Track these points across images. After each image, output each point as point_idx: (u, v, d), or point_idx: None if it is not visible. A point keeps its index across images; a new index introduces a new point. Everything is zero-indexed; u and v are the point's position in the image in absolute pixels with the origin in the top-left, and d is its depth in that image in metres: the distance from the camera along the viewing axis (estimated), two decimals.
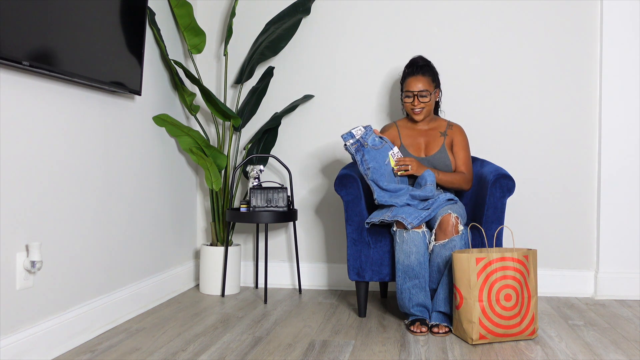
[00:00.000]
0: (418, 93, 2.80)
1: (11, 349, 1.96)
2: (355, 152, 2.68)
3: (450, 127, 2.91)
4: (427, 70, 2.84)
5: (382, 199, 2.66)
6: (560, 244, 3.29)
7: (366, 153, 2.68)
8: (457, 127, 2.91)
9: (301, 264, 3.48)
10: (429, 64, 2.86)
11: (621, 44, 3.18)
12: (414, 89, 2.80)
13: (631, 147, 3.19)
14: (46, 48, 2.03)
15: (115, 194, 2.63)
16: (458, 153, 2.86)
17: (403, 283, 2.57)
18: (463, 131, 2.91)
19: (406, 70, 2.88)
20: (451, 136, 2.88)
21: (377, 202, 2.66)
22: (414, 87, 2.80)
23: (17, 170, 2.00)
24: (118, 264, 2.66)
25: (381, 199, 2.66)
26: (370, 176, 2.67)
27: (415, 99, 2.81)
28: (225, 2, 3.54)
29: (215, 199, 3.28)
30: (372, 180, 2.67)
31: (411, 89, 2.81)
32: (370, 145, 2.70)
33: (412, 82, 2.81)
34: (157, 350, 2.27)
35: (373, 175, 2.67)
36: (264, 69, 3.49)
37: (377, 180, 2.67)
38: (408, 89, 2.82)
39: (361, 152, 2.68)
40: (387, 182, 2.68)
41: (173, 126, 3.10)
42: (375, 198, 2.66)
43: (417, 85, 2.80)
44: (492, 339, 2.35)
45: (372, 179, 2.67)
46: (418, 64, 2.85)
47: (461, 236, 2.53)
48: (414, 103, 2.81)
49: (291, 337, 2.45)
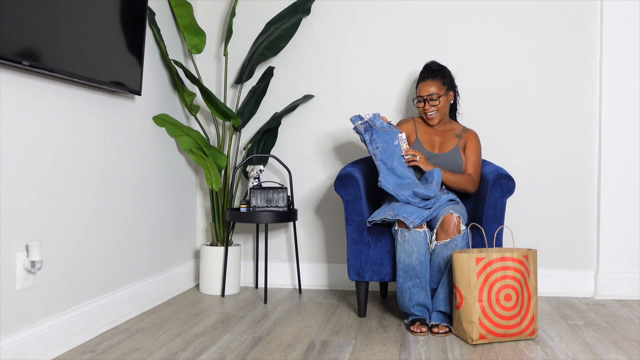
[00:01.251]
0: (428, 97, 2.87)
1: (11, 349, 1.96)
2: (364, 131, 2.73)
3: (465, 131, 2.96)
4: (438, 74, 2.91)
5: (387, 185, 2.66)
6: (560, 244, 3.29)
7: (375, 133, 2.73)
8: (472, 132, 2.96)
9: (301, 264, 3.48)
10: (441, 69, 2.93)
11: (621, 44, 3.18)
12: (423, 93, 2.89)
13: (631, 147, 3.19)
14: (46, 48, 2.03)
15: (115, 194, 2.63)
16: (470, 156, 2.89)
17: (404, 282, 2.57)
18: (477, 137, 2.96)
19: (419, 75, 2.98)
20: (465, 139, 2.92)
21: (380, 186, 2.67)
22: (423, 92, 2.89)
23: (17, 171, 2.00)
24: (118, 264, 2.66)
25: (386, 184, 2.66)
26: (379, 156, 2.70)
27: (425, 103, 2.89)
28: (225, 2, 3.54)
29: (215, 199, 3.28)
30: (381, 161, 2.69)
31: (421, 94, 2.90)
32: (379, 127, 2.74)
33: (422, 87, 2.91)
34: (157, 350, 2.27)
35: (382, 154, 2.69)
36: (264, 69, 3.49)
37: (385, 160, 2.69)
38: (419, 94, 2.91)
39: (370, 132, 2.73)
40: (397, 163, 2.70)
41: (173, 126, 3.10)
42: (379, 180, 2.67)
43: (427, 89, 2.88)
44: (492, 339, 2.35)
45: (380, 159, 2.69)
46: (430, 68, 2.94)
47: (463, 236, 2.54)
48: (425, 107, 2.89)
49: (291, 337, 2.45)
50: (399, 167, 2.69)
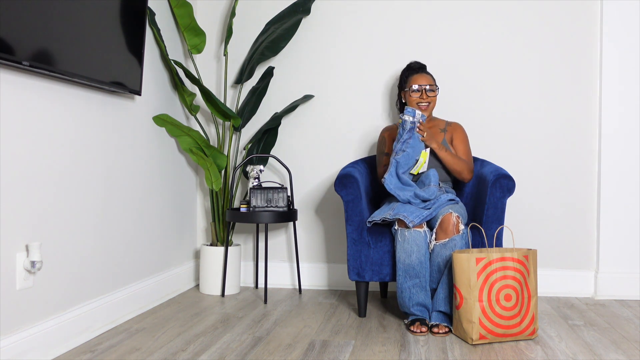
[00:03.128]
0: (427, 87, 2.88)
1: (11, 349, 1.96)
2: (409, 129, 2.70)
3: (449, 124, 2.98)
4: (428, 72, 2.96)
5: (390, 185, 2.67)
6: (560, 244, 3.29)
7: (413, 137, 2.71)
8: (455, 124, 2.99)
9: (301, 264, 3.48)
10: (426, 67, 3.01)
11: (621, 44, 3.18)
12: (422, 82, 2.89)
13: (631, 147, 3.19)
14: (46, 48, 2.03)
15: (115, 194, 2.63)
16: (458, 146, 2.91)
17: (403, 282, 2.58)
18: (463, 128, 2.98)
19: (407, 72, 2.99)
20: (451, 132, 2.95)
21: (383, 182, 2.68)
22: (423, 81, 2.89)
23: (17, 171, 2.00)
24: (118, 264, 2.66)
25: (390, 183, 2.68)
26: (399, 158, 2.70)
27: (423, 93, 2.88)
28: (225, 2, 3.54)
29: (215, 199, 3.28)
30: (396, 161, 2.70)
31: (420, 83, 2.89)
32: (417, 136, 2.73)
33: (418, 79, 2.90)
34: (157, 350, 2.27)
35: (402, 159, 2.70)
36: (264, 69, 3.49)
37: (400, 164, 2.70)
38: (416, 84, 2.89)
39: (410, 134, 2.71)
40: (406, 176, 2.72)
41: (173, 126, 3.10)
42: (384, 177, 2.68)
43: (426, 80, 2.89)
44: (492, 339, 2.35)
45: (397, 160, 2.70)
46: (418, 64, 2.99)
47: (462, 235, 2.54)
48: (422, 97, 2.88)
49: (291, 337, 2.45)
50: (404, 177, 2.71)
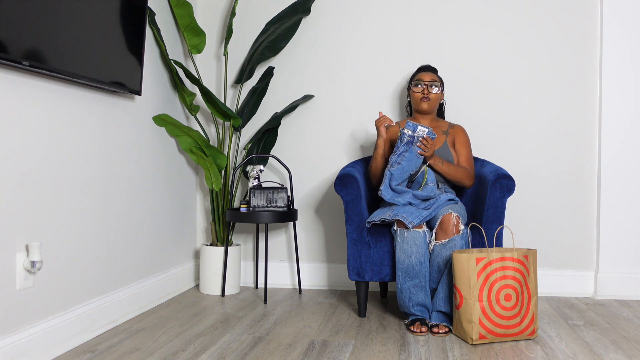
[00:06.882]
0: (430, 82, 2.91)
1: (11, 349, 1.96)
2: (405, 142, 2.69)
3: (452, 127, 2.98)
4: (436, 72, 3.01)
5: (387, 196, 2.67)
6: (560, 244, 3.29)
7: (409, 151, 2.69)
8: (459, 127, 2.98)
9: (301, 264, 3.48)
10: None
11: (621, 44, 3.18)
12: (426, 78, 2.93)
13: (631, 147, 3.19)
14: (46, 48, 2.03)
15: (115, 193, 2.63)
16: (460, 150, 2.90)
17: (403, 282, 2.57)
18: (465, 131, 2.98)
19: (415, 72, 3.04)
20: (453, 135, 2.94)
21: (380, 194, 2.68)
22: (426, 77, 2.94)
23: (17, 170, 2.00)
24: (118, 264, 2.66)
25: (386, 194, 2.67)
26: (394, 170, 2.68)
27: (426, 87, 2.91)
28: (225, 2, 3.54)
29: (215, 199, 3.28)
30: (391, 174, 2.68)
31: (422, 79, 2.93)
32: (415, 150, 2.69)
33: (423, 75, 2.96)
34: (157, 350, 2.27)
35: (397, 171, 2.68)
36: (264, 69, 3.49)
37: (394, 177, 2.69)
38: (419, 79, 2.94)
39: (407, 147, 2.69)
40: (399, 187, 2.70)
41: (173, 126, 3.10)
42: (380, 189, 2.68)
43: (430, 76, 2.94)
44: (492, 339, 2.35)
45: (391, 172, 2.68)
46: (429, 65, 3.04)
47: (462, 236, 2.54)
48: (424, 92, 2.91)
49: (291, 337, 2.45)
50: (398, 188, 2.70)
